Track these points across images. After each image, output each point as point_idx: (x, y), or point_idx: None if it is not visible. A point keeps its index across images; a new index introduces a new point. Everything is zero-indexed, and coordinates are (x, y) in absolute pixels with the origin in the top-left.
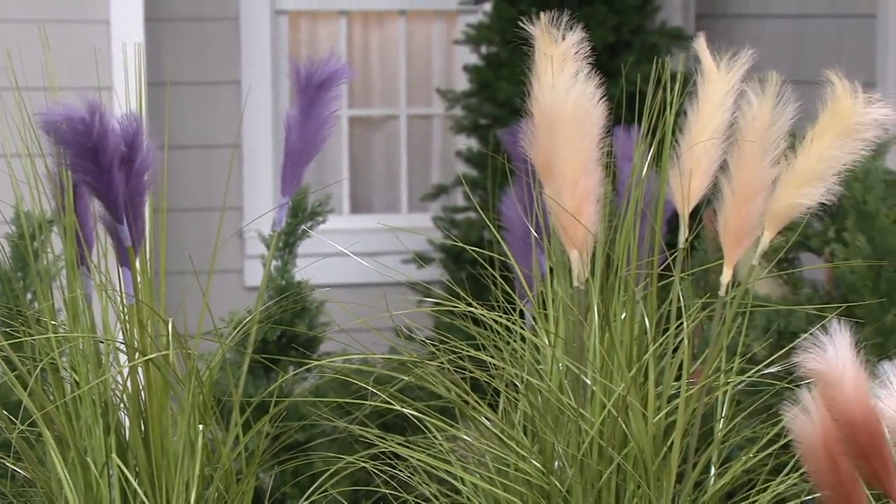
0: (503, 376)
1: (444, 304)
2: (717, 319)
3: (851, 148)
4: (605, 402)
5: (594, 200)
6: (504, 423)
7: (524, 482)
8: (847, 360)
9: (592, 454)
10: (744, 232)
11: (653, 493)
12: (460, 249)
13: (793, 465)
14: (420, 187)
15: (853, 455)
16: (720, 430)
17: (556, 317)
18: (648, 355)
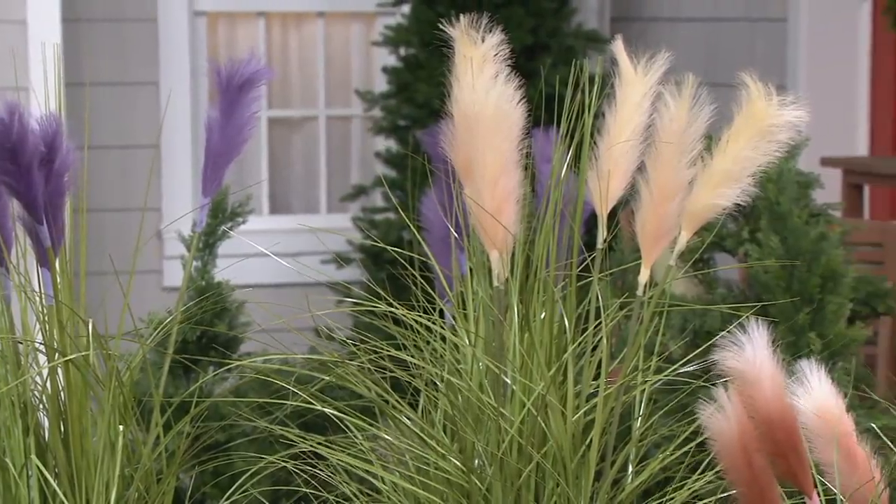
0: (423, 376)
1: (364, 304)
2: (634, 319)
3: (766, 149)
4: (524, 401)
5: (514, 201)
6: (424, 423)
7: (444, 481)
8: (764, 358)
9: (512, 453)
10: (661, 232)
11: (572, 490)
12: (380, 249)
13: (708, 463)
14: (339, 188)
15: (769, 452)
16: (638, 428)
17: (476, 316)
18: (567, 355)
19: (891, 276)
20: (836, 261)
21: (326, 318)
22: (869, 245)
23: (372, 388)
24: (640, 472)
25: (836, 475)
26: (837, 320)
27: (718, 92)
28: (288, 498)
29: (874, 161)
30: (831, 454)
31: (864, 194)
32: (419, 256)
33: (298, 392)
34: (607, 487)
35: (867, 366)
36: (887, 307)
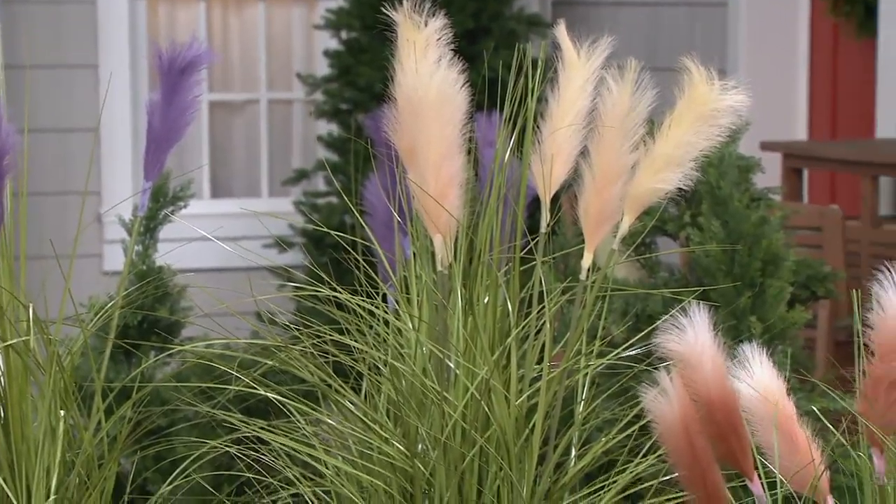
0: (367, 360)
1: (307, 289)
2: (577, 303)
3: (708, 134)
4: (468, 386)
5: (457, 185)
6: (368, 407)
7: (388, 465)
8: (706, 342)
9: (456, 437)
10: (604, 216)
11: (515, 474)
12: (322, 234)
13: (651, 446)
14: (281, 172)
15: (711, 435)
16: (580, 412)
17: (419, 301)
18: (511, 339)
19: (830, 260)
20: (776, 245)
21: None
22: (808, 229)
23: (315, 372)
24: (582, 455)
25: (777, 457)
26: (778, 304)
27: (660, 76)
28: (230, 483)
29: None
30: (772, 437)
31: (803, 178)
32: (362, 241)
33: (241, 377)
34: (550, 471)
35: (807, 349)
36: (826, 290)
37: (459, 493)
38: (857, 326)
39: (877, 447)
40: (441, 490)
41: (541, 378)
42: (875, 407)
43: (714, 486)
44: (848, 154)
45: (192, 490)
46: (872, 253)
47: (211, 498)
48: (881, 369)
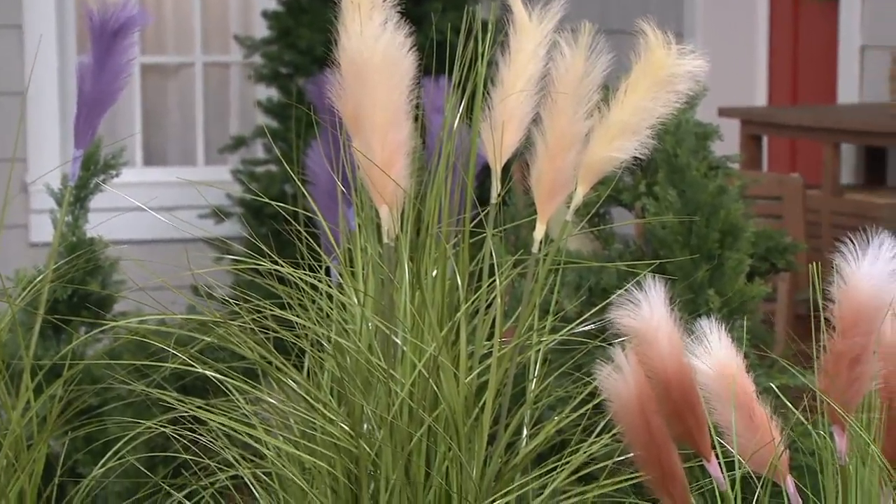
0: (309, 336)
1: (245, 262)
2: (529, 277)
3: (664, 100)
4: (415, 363)
5: (404, 154)
6: (310, 385)
7: (332, 446)
8: (662, 316)
9: (403, 416)
10: (557, 186)
11: (464, 455)
12: (261, 204)
13: (605, 425)
14: (218, 139)
15: (667, 413)
16: (532, 390)
17: (364, 275)
18: (460, 314)
19: (790, 231)
20: (735, 215)
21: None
22: (768, 198)
23: (255, 349)
24: (534, 435)
25: (735, 437)
26: (737, 277)
27: (615, 40)
28: (166, 465)
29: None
30: (730, 415)
31: (762, 146)
32: (304, 211)
33: (177, 353)
34: (501, 451)
35: (766, 323)
36: (787, 263)
37: (406, 474)
38: (817, 300)
39: (838, 425)
40: (387, 471)
41: (491, 355)
42: (836, 384)
43: (670, 467)
44: (809, 120)
45: (125, 472)
46: (834, 223)
47: (145, 480)
48: (843, 345)
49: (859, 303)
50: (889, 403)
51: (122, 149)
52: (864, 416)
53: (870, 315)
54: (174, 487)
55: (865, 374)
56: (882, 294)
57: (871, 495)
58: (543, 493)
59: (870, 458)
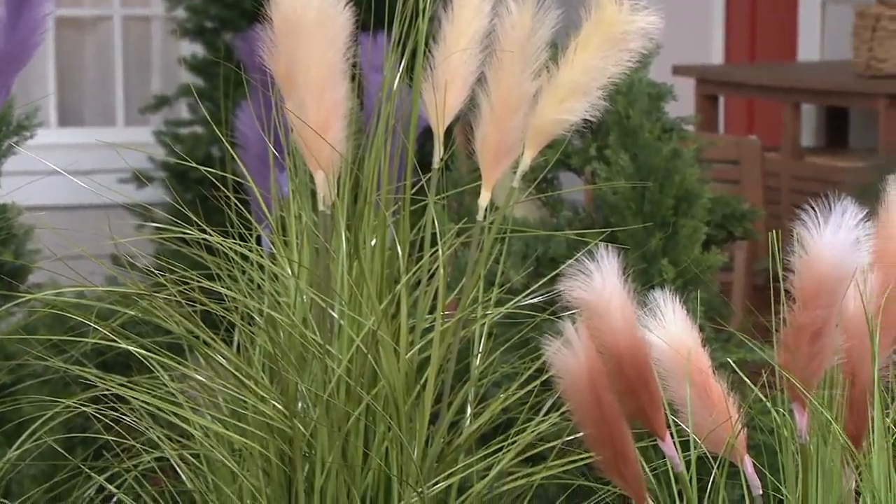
0: (240, 309)
1: (171, 230)
2: (474, 246)
3: (616, 59)
4: (353, 338)
5: (341, 116)
6: (241, 361)
7: (264, 426)
8: (614, 288)
9: (339, 394)
10: (503, 150)
11: (405, 435)
12: (186, 167)
13: (554, 403)
14: (139, 98)
15: (619, 390)
16: (477, 366)
17: (298, 244)
18: (401, 286)
19: (748, 196)
20: (690, 180)
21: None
22: (725, 162)
23: (181, 322)
24: (479, 413)
25: (690, 415)
26: (692, 245)
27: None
28: (86, 446)
29: (730, 69)
30: (685, 392)
31: (719, 106)
32: (233, 176)
33: (97, 328)
34: (444, 431)
35: (723, 294)
36: (745, 230)
37: (343, 455)
38: (777, 270)
39: (798, 402)
40: (323, 452)
41: (433, 329)
42: (797, 358)
43: (622, 446)
44: (768, 79)
45: (42, 455)
46: (794, 188)
47: (64, 463)
48: (803, 317)
49: (821, 273)
50: (851, 379)
51: (37, 109)
52: (825, 393)
53: (832, 286)
54: (95, 470)
55: (827, 348)
56: (845, 264)
57: (833, 475)
58: (488, 475)
59: (831, 436)
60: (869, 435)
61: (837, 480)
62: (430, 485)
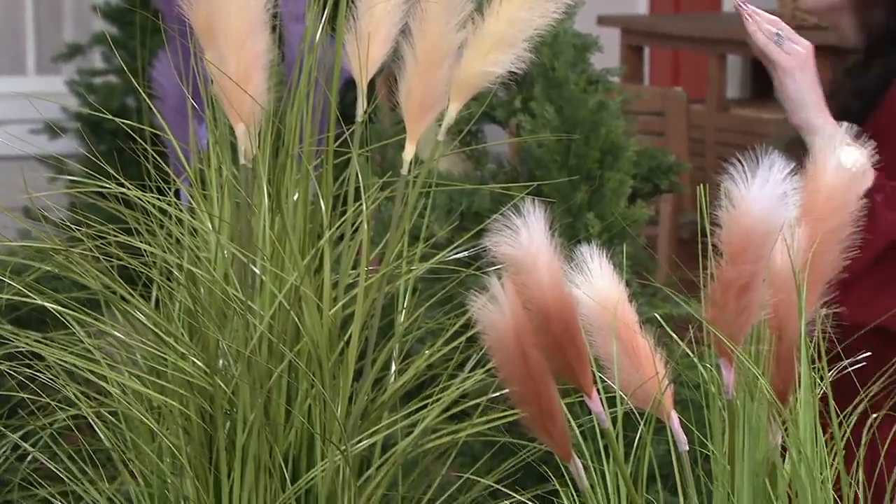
0: (158, 264)
1: (86, 182)
2: (398, 200)
3: (542, 10)
4: (275, 294)
5: (262, 67)
6: (160, 317)
7: (184, 383)
8: (540, 243)
9: (261, 351)
10: (428, 103)
11: (328, 392)
12: (100, 118)
13: (479, 360)
14: (50, 46)
15: (545, 346)
16: (401, 322)
17: (219, 198)
18: (324, 241)
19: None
20: (616, 133)
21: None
22: (650, 114)
23: (98, 277)
24: (403, 370)
25: (617, 371)
26: (618, 199)
27: None
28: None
29: (655, 20)
30: (612, 348)
31: (644, 57)
32: (150, 128)
33: (11, 283)
34: (367, 388)
35: (648, 248)
36: (670, 183)
37: (265, 413)
38: (704, 224)
39: (725, 358)
40: (245, 410)
41: (357, 284)
42: (724, 314)
43: (548, 403)
44: (693, 30)
45: None
46: (719, 140)
47: None
48: (731, 272)
49: (748, 228)
50: (778, 334)
51: None
52: (752, 349)
53: (759, 241)
54: (9, 429)
55: (754, 303)
56: (772, 219)
57: (759, 431)
58: (413, 433)
59: (758, 392)
60: (795, 390)
61: (764, 436)
62: (354, 443)
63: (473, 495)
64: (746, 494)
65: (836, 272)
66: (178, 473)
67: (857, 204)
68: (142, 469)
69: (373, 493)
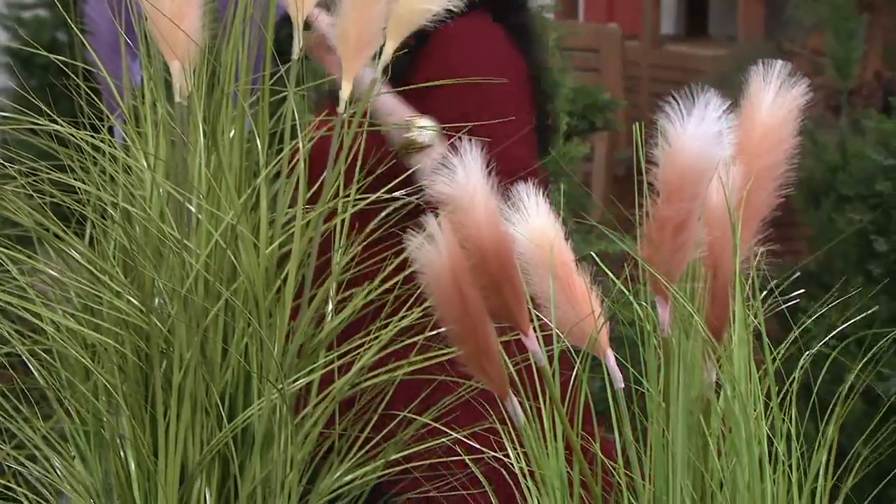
0: (92, 202)
1: (17, 118)
2: (336, 138)
3: None
4: (212, 232)
5: (197, 4)
6: (94, 255)
7: (119, 321)
8: (477, 182)
9: (198, 290)
10: (364, 41)
11: (265, 331)
12: (31, 53)
13: (416, 298)
14: None
15: (482, 285)
16: (339, 261)
17: (154, 136)
18: (260, 179)
19: (608, 85)
20: (552, 70)
21: None
22: (585, 51)
23: (31, 214)
24: (341, 309)
25: (553, 309)
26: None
27: None
28: None
29: None
30: (548, 286)
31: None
32: (83, 64)
33: None
34: (305, 326)
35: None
36: (606, 121)
37: (202, 352)
38: (640, 163)
39: (661, 296)
40: (181, 349)
41: (294, 223)
42: (660, 252)
43: (485, 341)
44: None
45: None
46: (653, 76)
47: None
48: (666, 211)
49: (684, 166)
50: (714, 272)
51: None
52: (687, 286)
53: (695, 179)
54: None
55: (690, 241)
56: (708, 157)
57: (694, 368)
58: (350, 371)
59: (693, 329)
60: (730, 327)
61: (699, 373)
62: (291, 381)
63: (411, 432)
64: (681, 431)
65: (770, 210)
66: (114, 412)
67: (792, 141)
68: (77, 407)
69: (310, 431)
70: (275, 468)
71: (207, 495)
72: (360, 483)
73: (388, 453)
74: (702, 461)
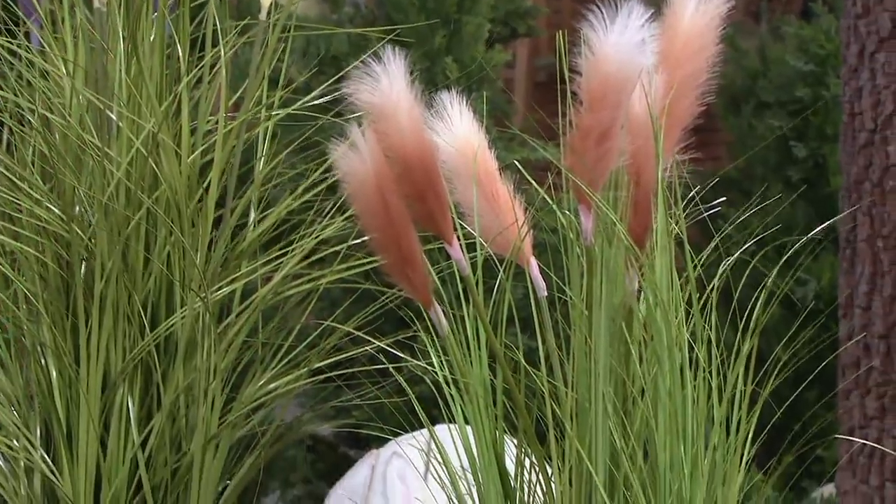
0: (9, 108)
1: None
2: (257, 45)
3: None
4: (133, 140)
5: None
6: (13, 162)
7: (39, 229)
8: (401, 90)
9: (119, 198)
10: None
11: (187, 240)
12: None
13: (339, 207)
14: None
15: (406, 194)
16: (261, 170)
17: (73, 41)
18: (182, 87)
19: None
20: None
21: None
22: None
23: None
24: (263, 218)
25: (477, 217)
26: (476, 43)
27: None
28: None
29: None
30: (472, 195)
31: None
32: None
33: None
34: (227, 236)
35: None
36: (528, 27)
37: (124, 260)
38: (562, 70)
39: (584, 204)
40: (103, 258)
41: (216, 131)
42: (583, 160)
43: (409, 250)
44: None
45: None
46: None
47: None
48: (590, 119)
49: (607, 74)
50: (636, 180)
51: None
52: (610, 195)
53: (618, 88)
54: None
55: (613, 150)
56: (631, 65)
57: (617, 276)
58: (273, 280)
59: (616, 237)
60: (652, 235)
61: (621, 281)
62: (214, 290)
63: (334, 341)
64: (604, 338)
65: (692, 118)
66: (35, 320)
67: (713, 49)
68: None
69: (233, 339)
70: (198, 376)
71: (130, 403)
72: (284, 392)
73: (311, 362)
74: (624, 368)
